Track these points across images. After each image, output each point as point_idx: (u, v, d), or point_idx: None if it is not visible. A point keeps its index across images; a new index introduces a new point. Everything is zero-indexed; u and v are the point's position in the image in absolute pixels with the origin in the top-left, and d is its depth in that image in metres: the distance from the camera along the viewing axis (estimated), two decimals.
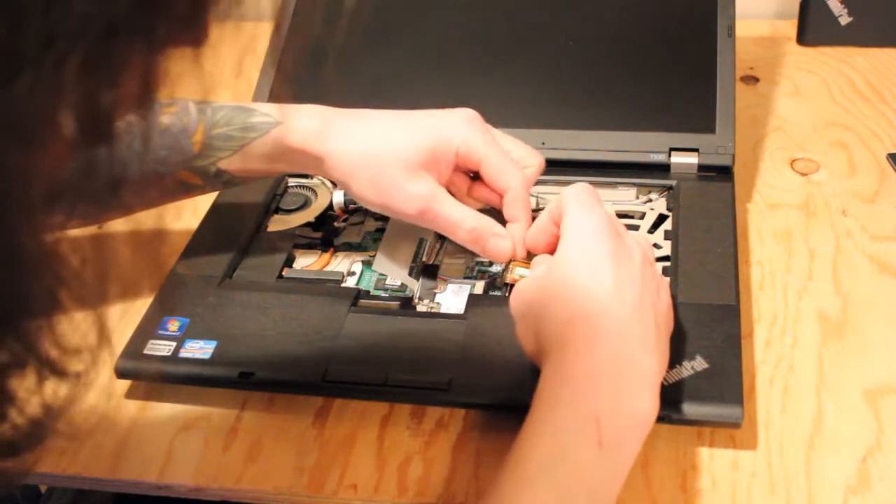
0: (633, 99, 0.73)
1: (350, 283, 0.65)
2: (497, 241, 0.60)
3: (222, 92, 0.83)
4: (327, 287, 0.64)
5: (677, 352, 0.55)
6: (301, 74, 0.78)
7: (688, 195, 0.68)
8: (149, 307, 0.62)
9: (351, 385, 0.56)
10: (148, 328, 0.60)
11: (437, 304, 0.63)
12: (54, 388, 0.32)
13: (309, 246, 0.69)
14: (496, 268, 0.65)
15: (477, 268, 0.66)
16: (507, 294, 0.60)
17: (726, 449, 0.54)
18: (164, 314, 0.61)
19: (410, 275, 0.65)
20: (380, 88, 0.76)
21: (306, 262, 0.67)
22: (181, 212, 0.71)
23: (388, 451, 0.56)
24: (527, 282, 0.55)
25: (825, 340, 0.60)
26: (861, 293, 0.63)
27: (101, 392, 0.60)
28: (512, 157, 0.61)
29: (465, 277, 0.65)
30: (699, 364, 0.55)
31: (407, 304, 0.63)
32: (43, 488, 0.79)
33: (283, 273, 0.66)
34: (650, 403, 0.47)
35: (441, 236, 0.67)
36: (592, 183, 0.57)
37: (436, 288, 0.64)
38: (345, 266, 0.67)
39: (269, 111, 0.62)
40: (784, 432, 0.55)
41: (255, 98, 0.76)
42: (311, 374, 0.57)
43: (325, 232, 0.70)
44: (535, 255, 0.59)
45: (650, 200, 0.70)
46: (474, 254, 0.64)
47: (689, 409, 0.53)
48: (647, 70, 0.74)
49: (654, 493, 0.52)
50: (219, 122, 0.61)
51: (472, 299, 0.62)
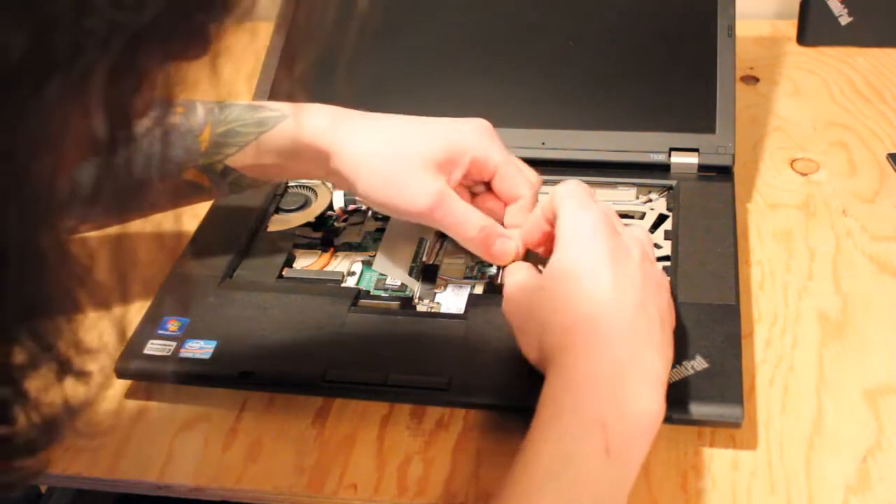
0: (633, 99, 0.73)
1: (350, 283, 0.65)
2: (504, 242, 0.60)
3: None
4: (327, 287, 0.64)
5: (677, 352, 0.54)
6: (302, 74, 0.78)
7: (688, 195, 0.68)
8: (149, 307, 0.62)
9: (351, 385, 0.56)
10: (148, 328, 0.60)
11: (437, 304, 0.63)
12: (72, 388, 0.32)
13: (309, 246, 0.69)
14: (494, 269, 0.65)
15: (477, 268, 0.66)
16: None
17: (726, 449, 0.54)
18: (165, 314, 0.61)
19: (410, 275, 0.65)
20: (379, 88, 0.76)
21: (306, 262, 0.67)
22: (181, 212, 0.71)
23: (388, 451, 0.56)
24: (516, 289, 0.55)
25: (825, 340, 0.60)
26: (861, 293, 0.63)
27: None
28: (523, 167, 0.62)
29: (465, 277, 0.65)
30: (699, 364, 0.55)
31: (407, 304, 0.63)
32: (43, 488, 0.79)
33: (284, 273, 0.66)
34: (657, 404, 0.47)
35: (441, 236, 0.67)
36: (592, 183, 0.57)
37: (436, 288, 0.64)
38: (345, 266, 0.67)
39: (279, 108, 0.62)
40: (784, 432, 0.55)
41: (256, 98, 0.76)
42: (311, 374, 0.57)
43: (325, 232, 0.70)
44: (532, 254, 0.59)
45: (650, 200, 0.70)
46: (474, 254, 0.64)
47: (690, 408, 0.53)
48: (647, 70, 0.74)
49: (655, 493, 0.52)
50: (225, 119, 0.61)
51: (472, 299, 0.62)
